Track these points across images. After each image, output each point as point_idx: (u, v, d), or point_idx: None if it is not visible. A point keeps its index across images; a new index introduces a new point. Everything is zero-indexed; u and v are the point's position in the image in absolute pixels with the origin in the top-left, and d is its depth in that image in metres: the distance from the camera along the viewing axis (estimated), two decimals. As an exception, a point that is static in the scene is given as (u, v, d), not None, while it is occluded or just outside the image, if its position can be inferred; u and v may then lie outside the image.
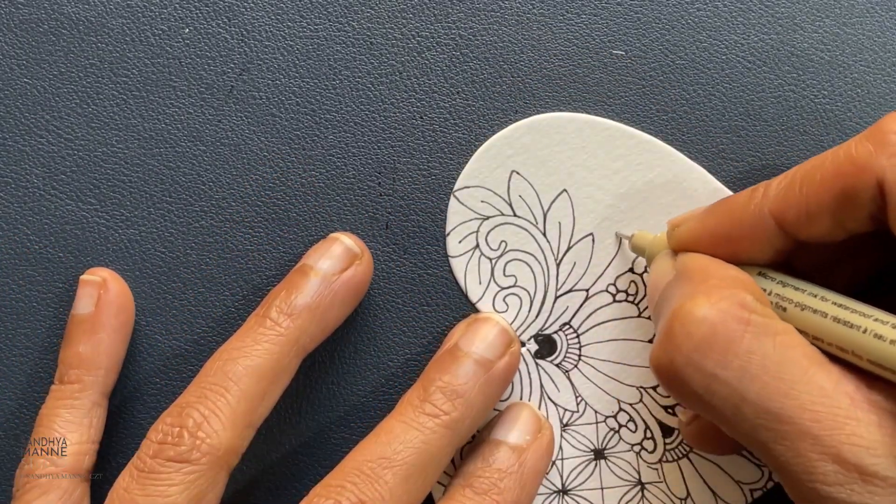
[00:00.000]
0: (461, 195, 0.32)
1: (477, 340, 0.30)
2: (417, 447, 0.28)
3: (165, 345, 0.33)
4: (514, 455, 0.30)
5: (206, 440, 0.27)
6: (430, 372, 0.30)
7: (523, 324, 0.32)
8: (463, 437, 0.29)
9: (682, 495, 0.32)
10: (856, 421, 0.22)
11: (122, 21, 0.32)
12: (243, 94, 0.32)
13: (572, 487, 0.32)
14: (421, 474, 0.28)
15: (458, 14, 0.32)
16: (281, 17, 0.32)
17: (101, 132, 0.32)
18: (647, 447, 0.32)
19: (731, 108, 0.32)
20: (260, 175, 0.32)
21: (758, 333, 0.24)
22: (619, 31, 0.32)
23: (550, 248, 0.32)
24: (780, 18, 0.32)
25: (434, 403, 0.29)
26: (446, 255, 0.32)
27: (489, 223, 0.32)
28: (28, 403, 0.33)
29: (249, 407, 0.28)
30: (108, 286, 0.31)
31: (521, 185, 0.32)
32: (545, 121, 0.32)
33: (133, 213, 0.32)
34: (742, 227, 0.26)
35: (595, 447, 0.32)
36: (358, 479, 0.27)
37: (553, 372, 0.32)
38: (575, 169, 0.32)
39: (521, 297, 0.32)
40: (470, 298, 0.32)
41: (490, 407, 0.30)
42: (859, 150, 0.24)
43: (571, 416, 0.32)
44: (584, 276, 0.32)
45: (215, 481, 0.28)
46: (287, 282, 0.30)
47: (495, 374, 0.30)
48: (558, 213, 0.32)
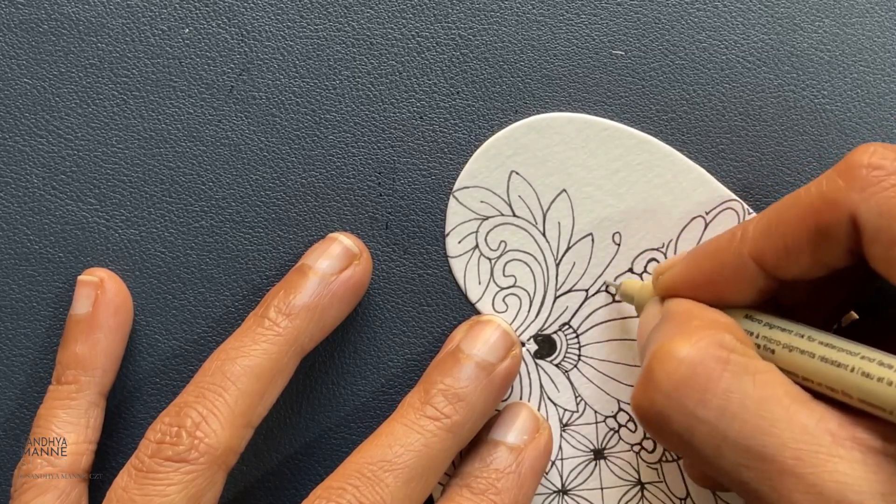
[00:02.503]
0: (460, 195, 0.32)
1: (479, 343, 0.30)
2: (418, 450, 0.28)
3: (165, 345, 0.33)
4: (511, 455, 0.30)
5: (205, 440, 0.27)
6: (432, 374, 0.30)
7: (523, 324, 0.32)
8: (464, 439, 0.29)
9: (681, 495, 0.32)
10: (838, 458, 0.22)
11: (122, 21, 0.32)
12: (243, 94, 0.32)
13: (572, 487, 0.32)
14: (422, 477, 0.28)
15: (458, 14, 0.32)
16: (281, 17, 0.32)
17: (101, 132, 0.32)
18: (646, 447, 0.32)
19: (731, 108, 0.32)
20: (260, 175, 0.32)
21: (737, 372, 0.24)
22: (619, 31, 0.32)
23: (550, 248, 0.32)
24: (780, 18, 0.32)
25: (435, 406, 0.29)
26: (446, 255, 0.32)
27: (489, 223, 0.32)
28: (28, 403, 0.33)
29: (247, 407, 0.28)
30: (105, 286, 0.31)
31: (521, 186, 0.32)
32: (545, 121, 0.32)
33: (133, 213, 0.32)
34: (724, 271, 0.26)
35: (595, 447, 0.32)
36: (358, 482, 0.27)
37: (553, 372, 0.32)
38: (574, 169, 0.32)
39: (520, 297, 0.32)
40: (469, 299, 0.32)
41: (491, 409, 0.30)
42: (830, 186, 0.24)
43: (571, 416, 0.32)
44: (584, 276, 0.32)
45: (213, 481, 0.28)
46: (285, 282, 0.30)
47: (497, 377, 0.30)
48: (558, 213, 0.32)
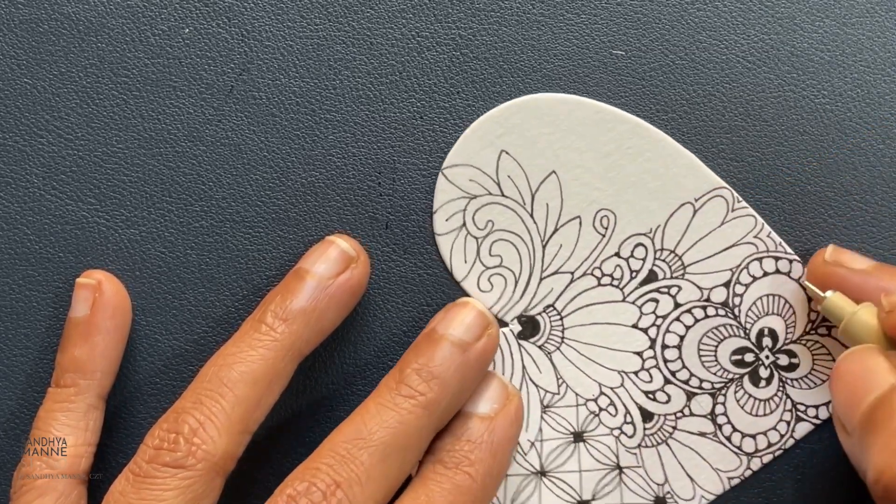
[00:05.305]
0: (449, 173, 0.32)
1: (454, 324, 0.30)
2: (393, 427, 0.28)
3: (165, 345, 0.33)
4: (483, 425, 0.30)
5: (202, 446, 0.27)
6: (407, 356, 0.30)
7: (507, 304, 0.32)
8: (440, 418, 0.29)
9: (659, 481, 0.32)
10: None
11: (122, 21, 0.32)
12: (243, 94, 0.32)
13: (551, 469, 0.32)
14: (397, 454, 0.28)
15: (458, 14, 0.32)
16: (281, 17, 0.32)
17: (101, 132, 0.32)
18: (626, 431, 0.32)
19: (731, 108, 0.32)
20: (260, 175, 0.32)
21: None
22: (619, 31, 0.32)
23: (537, 230, 0.32)
24: (780, 18, 0.32)
25: (410, 385, 0.29)
26: (433, 232, 0.32)
27: (476, 202, 0.32)
28: (28, 404, 0.33)
29: (245, 413, 0.28)
30: (102, 288, 0.31)
31: (510, 166, 0.32)
32: (536, 101, 0.32)
33: (133, 213, 0.32)
34: None
35: (574, 430, 0.32)
36: (332, 461, 0.27)
37: (535, 353, 0.32)
38: (565, 151, 0.32)
39: (505, 277, 0.32)
40: (455, 277, 0.32)
41: (468, 389, 0.30)
42: None
43: (552, 398, 0.32)
44: (570, 259, 0.32)
45: (211, 487, 0.28)
46: (282, 286, 0.30)
47: (472, 355, 0.30)
48: (546, 195, 0.32)
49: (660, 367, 0.32)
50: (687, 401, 0.32)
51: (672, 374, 0.32)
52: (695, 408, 0.32)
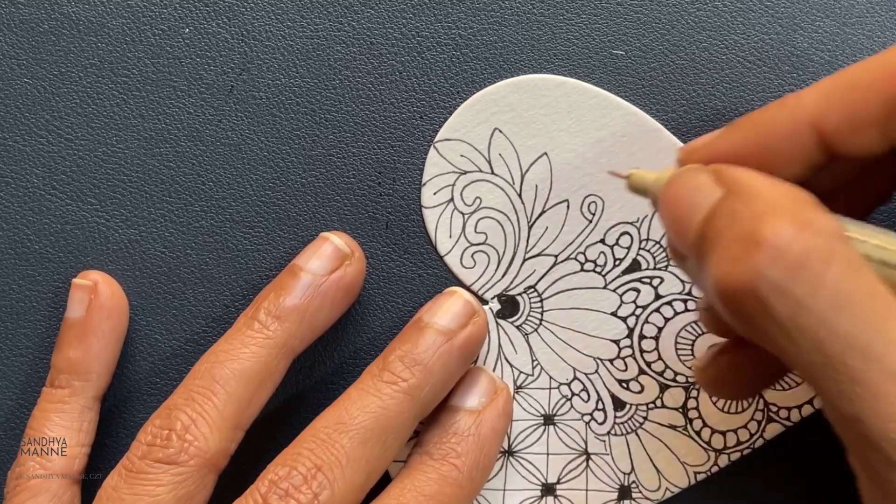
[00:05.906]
0: (441, 147, 0.32)
1: (440, 312, 0.30)
2: (374, 412, 0.28)
3: (165, 345, 0.33)
4: (470, 418, 0.30)
5: (194, 443, 0.28)
6: (392, 344, 0.30)
7: (489, 282, 0.32)
8: (424, 404, 0.29)
9: (626, 470, 0.32)
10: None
11: (122, 21, 0.32)
12: (243, 94, 0.32)
13: (518, 450, 0.32)
14: (379, 439, 0.28)
15: (458, 14, 0.32)
16: (281, 17, 0.32)
17: (101, 132, 0.32)
18: (597, 418, 0.32)
19: (731, 108, 0.32)
20: (260, 175, 0.32)
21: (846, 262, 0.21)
22: (619, 31, 0.32)
23: (524, 210, 0.32)
24: (780, 18, 0.32)
25: (392, 371, 0.29)
26: (420, 205, 0.32)
27: (466, 178, 0.32)
28: (27, 403, 0.33)
29: (237, 410, 0.28)
30: (98, 290, 0.31)
31: (503, 144, 0.32)
32: (533, 81, 0.32)
33: (133, 213, 0.32)
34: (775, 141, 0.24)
35: (545, 412, 0.32)
36: (314, 445, 0.27)
37: (513, 333, 0.32)
38: (558, 133, 0.32)
39: (489, 255, 0.32)
40: (439, 251, 0.32)
41: (452, 376, 0.30)
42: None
43: (526, 379, 0.32)
44: (555, 242, 0.32)
45: (203, 483, 0.28)
46: (276, 283, 0.30)
47: (456, 342, 0.30)
48: (536, 176, 0.32)
49: (636, 357, 0.32)
50: (660, 392, 0.32)
51: (647, 365, 0.32)
52: (667, 400, 0.32)
